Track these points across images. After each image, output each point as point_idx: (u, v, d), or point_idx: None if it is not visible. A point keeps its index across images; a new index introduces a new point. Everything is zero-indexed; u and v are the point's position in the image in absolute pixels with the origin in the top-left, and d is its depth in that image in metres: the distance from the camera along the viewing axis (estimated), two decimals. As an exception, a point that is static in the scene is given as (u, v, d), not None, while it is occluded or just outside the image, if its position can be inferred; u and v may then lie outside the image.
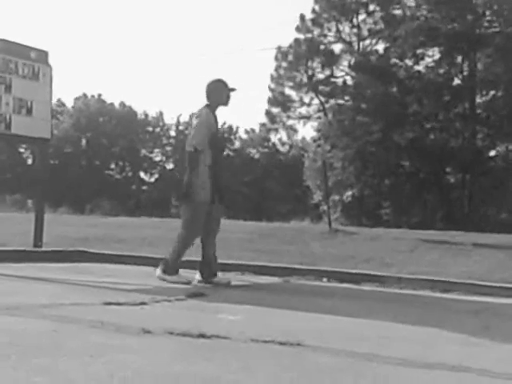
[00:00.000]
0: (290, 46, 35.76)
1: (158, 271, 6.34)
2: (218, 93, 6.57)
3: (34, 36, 67.18)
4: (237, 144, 61.01)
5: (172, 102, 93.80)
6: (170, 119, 62.89)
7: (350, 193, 32.48)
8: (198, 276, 6.51)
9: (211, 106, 6.55)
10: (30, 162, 52.51)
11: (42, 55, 8.90)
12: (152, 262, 8.23)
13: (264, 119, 39.44)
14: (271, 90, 37.75)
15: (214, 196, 6.38)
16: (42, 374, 2.52)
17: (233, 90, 6.67)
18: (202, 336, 3.38)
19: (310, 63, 36.08)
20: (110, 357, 2.89)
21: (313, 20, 35.51)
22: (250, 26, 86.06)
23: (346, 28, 36.11)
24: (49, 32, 75.14)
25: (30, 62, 8.62)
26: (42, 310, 4.12)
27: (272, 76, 37.32)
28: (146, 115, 60.71)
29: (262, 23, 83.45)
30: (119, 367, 2.71)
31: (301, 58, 35.58)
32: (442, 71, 33.27)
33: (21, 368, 2.59)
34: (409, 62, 33.97)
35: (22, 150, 55.98)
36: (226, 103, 6.67)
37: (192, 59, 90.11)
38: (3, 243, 9.21)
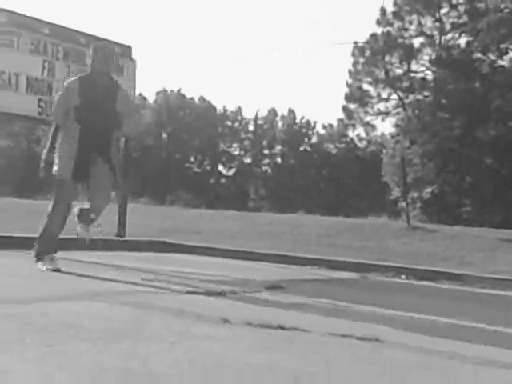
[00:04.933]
0: (367, 42, 35.36)
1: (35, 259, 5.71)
2: (101, 58, 5.72)
3: (118, 30, 68.69)
4: (314, 139, 60.83)
5: (251, 96, 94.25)
6: (248, 114, 63.32)
7: (429, 189, 31.86)
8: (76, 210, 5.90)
9: (91, 72, 5.77)
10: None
11: (126, 50, 9.13)
12: (230, 254, 8.35)
13: (341, 114, 39.15)
14: (348, 85, 37.39)
15: (79, 170, 5.65)
16: (125, 358, 2.59)
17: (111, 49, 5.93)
18: (281, 328, 3.41)
19: (387, 58, 35.56)
20: (190, 344, 2.95)
21: (394, 13, 34.99)
22: (328, 21, 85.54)
23: (428, 22, 35.41)
24: (131, 27, 76.70)
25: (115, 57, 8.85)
26: (125, 297, 4.24)
27: (350, 71, 36.99)
28: (225, 110, 61.32)
29: (340, 18, 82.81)
30: (199, 355, 2.76)
31: (378, 53, 35.11)
32: (527, 66, 32.22)
33: (106, 351, 2.68)
34: (492, 57, 33.03)
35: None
36: (106, 68, 5.80)
37: (270, 54, 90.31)
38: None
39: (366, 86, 37.10)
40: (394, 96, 37.19)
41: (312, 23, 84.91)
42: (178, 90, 60.79)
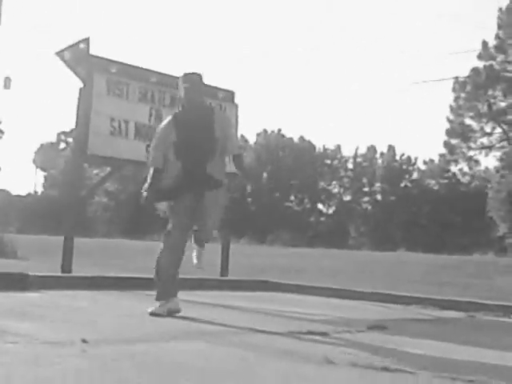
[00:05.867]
0: (468, 76, 34.80)
1: None
2: (190, 88, 5.53)
3: (220, 75, 70.43)
4: (415, 175, 59.92)
5: (350, 134, 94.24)
6: (347, 151, 63.38)
7: (537, 225, 30.63)
8: None
9: (183, 106, 5.63)
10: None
11: (229, 95, 9.45)
12: (331, 292, 8.32)
13: (443, 150, 38.55)
14: (450, 121, 36.87)
15: (187, 207, 5.50)
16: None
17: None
18: (386, 369, 3.38)
19: (490, 92, 34.84)
20: (296, 385, 2.98)
21: (496, 47, 34.37)
22: (424, 58, 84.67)
23: (531, 53, 34.52)
24: (234, 71, 78.47)
25: (218, 102, 9.16)
26: (230, 337, 4.32)
27: (451, 107, 36.48)
28: (325, 149, 61.54)
29: (437, 54, 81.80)
30: (305, 395, 2.78)
31: (480, 88, 34.46)
32: None
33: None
34: None
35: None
36: (198, 97, 5.61)
37: (368, 93, 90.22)
38: (192, 272, 9.72)
39: (468, 121, 36.46)
40: (498, 130, 36.32)
41: (406, 61, 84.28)
42: (279, 131, 61.60)
